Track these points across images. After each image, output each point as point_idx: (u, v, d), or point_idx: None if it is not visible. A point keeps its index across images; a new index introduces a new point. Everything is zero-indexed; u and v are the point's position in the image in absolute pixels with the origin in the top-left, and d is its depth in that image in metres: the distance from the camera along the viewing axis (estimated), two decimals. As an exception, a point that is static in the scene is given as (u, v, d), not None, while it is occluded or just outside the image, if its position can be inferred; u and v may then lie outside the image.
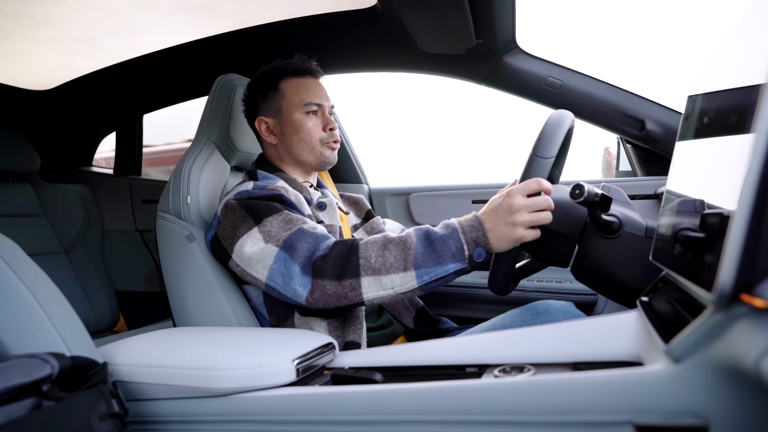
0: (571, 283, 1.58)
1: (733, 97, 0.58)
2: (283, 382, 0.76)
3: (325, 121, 1.21)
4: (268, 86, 1.22)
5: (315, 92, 1.21)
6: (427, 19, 1.36)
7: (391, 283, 0.92)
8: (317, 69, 1.25)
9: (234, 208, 1.07)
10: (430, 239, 0.92)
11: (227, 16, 1.64)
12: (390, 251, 0.92)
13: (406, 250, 0.92)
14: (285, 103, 1.20)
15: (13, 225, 1.92)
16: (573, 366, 0.68)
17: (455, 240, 0.91)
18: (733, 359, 0.47)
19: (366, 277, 0.92)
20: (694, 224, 0.57)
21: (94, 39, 1.77)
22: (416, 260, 0.91)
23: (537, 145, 0.92)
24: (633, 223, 0.94)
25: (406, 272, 0.91)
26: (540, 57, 1.61)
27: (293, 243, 0.97)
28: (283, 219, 1.02)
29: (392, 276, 0.92)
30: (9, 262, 0.71)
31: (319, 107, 1.21)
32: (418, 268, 0.91)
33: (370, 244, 0.94)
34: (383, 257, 0.92)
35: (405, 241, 0.93)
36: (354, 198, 1.40)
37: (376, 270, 0.92)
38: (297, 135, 1.19)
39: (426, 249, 0.91)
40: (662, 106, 1.56)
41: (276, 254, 0.98)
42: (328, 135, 1.20)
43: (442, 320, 1.27)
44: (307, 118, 1.19)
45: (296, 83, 1.21)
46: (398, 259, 0.91)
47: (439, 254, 0.91)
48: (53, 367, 0.59)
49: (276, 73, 1.23)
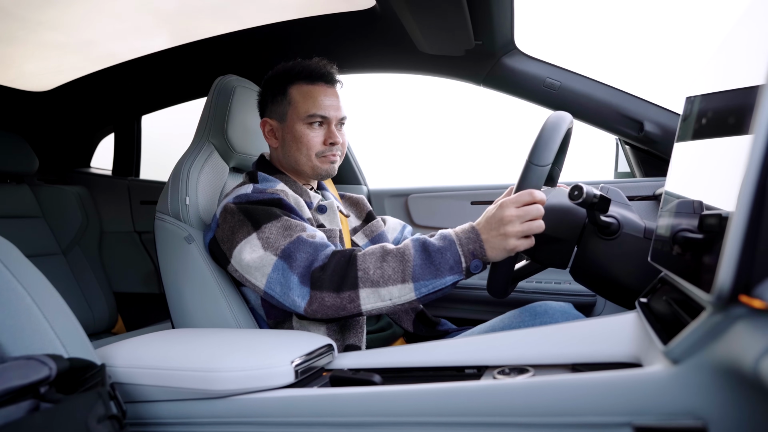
0: (570, 284, 1.58)
1: (732, 98, 0.58)
2: (281, 384, 0.76)
3: (329, 134, 1.17)
4: (278, 88, 1.19)
5: (323, 104, 1.16)
6: (426, 21, 1.36)
7: (390, 294, 0.92)
8: (332, 75, 1.20)
9: (233, 212, 1.06)
10: (428, 251, 0.93)
11: (228, 18, 1.64)
12: (388, 263, 0.92)
13: (405, 262, 0.92)
14: (290, 110, 1.17)
15: (11, 226, 1.92)
16: (572, 367, 0.68)
17: (453, 252, 0.92)
18: (731, 360, 0.47)
19: (364, 288, 0.92)
20: (692, 225, 0.57)
21: (94, 41, 1.77)
22: (414, 272, 0.91)
23: (533, 153, 0.92)
24: (632, 225, 0.94)
25: (404, 284, 0.92)
26: (538, 58, 1.61)
27: (291, 252, 0.96)
28: (282, 225, 1.01)
29: (390, 288, 0.92)
30: (7, 264, 0.71)
31: (325, 120, 1.17)
32: (417, 280, 0.91)
33: (368, 255, 0.94)
34: (381, 269, 0.92)
35: (403, 253, 0.93)
36: (355, 199, 1.39)
37: (374, 282, 0.92)
38: (296, 144, 1.17)
39: (424, 261, 0.92)
40: (660, 108, 1.57)
41: (274, 263, 0.97)
42: (327, 148, 1.17)
43: (441, 322, 1.27)
44: (310, 129, 1.16)
45: (306, 91, 1.17)
46: (396, 271, 0.92)
47: (437, 267, 0.91)
48: (51, 369, 0.59)
49: (288, 75, 1.19)
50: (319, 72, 1.18)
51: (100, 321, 2.05)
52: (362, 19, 1.57)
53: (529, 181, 0.91)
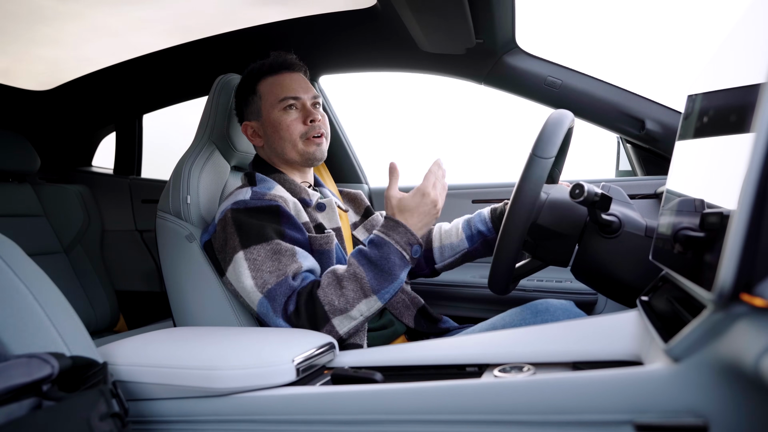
0: (571, 282, 1.58)
1: (733, 96, 0.58)
2: (283, 382, 0.76)
3: (306, 113, 1.17)
4: (248, 90, 1.22)
5: (290, 86, 1.18)
6: (427, 19, 1.36)
7: (359, 312, 0.99)
8: (295, 62, 1.22)
9: (228, 222, 1.07)
10: (373, 262, 0.99)
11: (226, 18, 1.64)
12: (346, 288, 0.98)
13: (359, 281, 0.99)
14: (263, 103, 1.19)
15: (13, 225, 1.92)
16: (573, 365, 0.68)
17: (393, 251, 1.00)
18: (732, 358, 0.47)
19: (336, 317, 0.98)
20: (694, 224, 0.57)
21: (93, 41, 1.77)
22: (372, 286, 0.98)
23: (536, 146, 0.92)
24: (633, 223, 0.94)
25: (368, 299, 0.99)
26: (540, 56, 1.61)
27: (275, 295, 1.00)
28: (271, 249, 1.03)
29: (358, 306, 0.99)
30: (9, 262, 0.71)
31: (297, 100, 1.17)
32: (377, 291, 0.99)
33: (325, 288, 0.99)
34: (343, 296, 0.98)
35: (354, 273, 0.99)
36: (353, 194, 1.39)
37: (342, 310, 0.98)
38: (277, 133, 1.17)
39: (375, 273, 0.99)
40: (662, 106, 1.56)
41: (260, 300, 1.02)
42: (309, 128, 1.17)
43: (443, 319, 1.27)
44: (286, 114, 1.17)
45: (272, 81, 1.19)
46: (357, 291, 0.98)
47: (388, 272, 0.99)
48: (53, 367, 0.59)
49: (254, 76, 1.21)
50: (279, 62, 1.20)
51: (102, 319, 2.06)
52: (363, 18, 1.57)
53: (533, 172, 0.91)
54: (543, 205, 1.01)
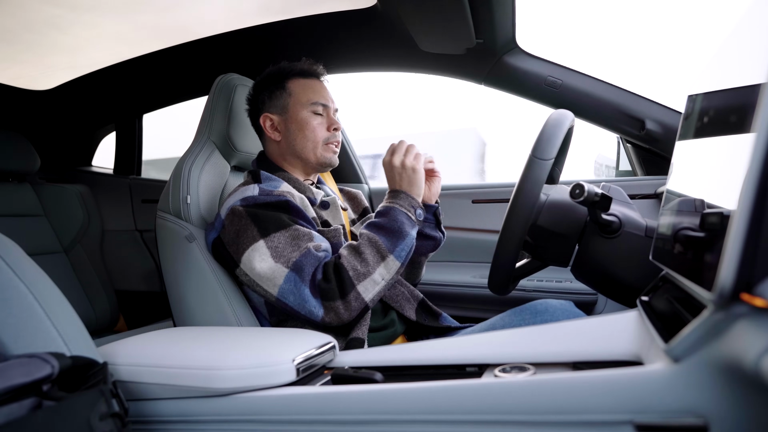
0: (571, 282, 1.58)
1: (733, 96, 0.58)
2: (283, 382, 0.76)
3: (330, 121, 1.23)
4: (276, 84, 1.24)
5: (322, 93, 1.24)
6: (427, 19, 1.36)
7: (381, 275, 1.03)
8: (323, 72, 1.28)
9: (240, 215, 1.07)
10: (384, 227, 1.06)
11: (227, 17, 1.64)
12: (365, 252, 1.03)
13: (374, 244, 1.04)
14: (292, 100, 1.22)
15: (13, 225, 1.92)
16: (573, 365, 0.68)
17: (400, 213, 1.07)
18: (733, 358, 0.47)
19: (360, 283, 1.02)
20: (694, 224, 0.57)
21: (94, 40, 1.77)
22: (387, 246, 1.04)
23: (536, 147, 0.92)
24: (633, 223, 0.94)
25: (386, 260, 1.04)
26: (540, 56, 1.61)
27: (302, 265, 1.02)
28: (290, 235, 1.05)
29: (379, 270, 1.03)
30: (9, 262, 0.71)
31: (325, 108, 1.23)
32: (392, 251, 1.05)
33: (345, 256, 1.04)
34: (364, 261, 1.02)
35: (369, 238, 1.05)
36: (352, 193, 1.42)
37: (365, 274, 1.02)
38: (302, 132, 1.21)
39: (387, 234, 1.05)
40: (662, 106, 1.56)
41: (286, 275, 1.02)
42: (331, 135, 1.23)
43: (442, 314, 1.27)
44: (313, 117, 1.21)
45: (303, 83, 1.24)
46: (375, 255, 1.04)
47: (398, 231, 1.05)
48: (53, 366, 0.59)
49: (284, 73, 1.25)
50: (311, 69, 1.26)
51: (101, 319, 2.06)
52: (363, 18, 1.57)
53: (532, 174, 0.91)
54: (543, 207, 1.01)
